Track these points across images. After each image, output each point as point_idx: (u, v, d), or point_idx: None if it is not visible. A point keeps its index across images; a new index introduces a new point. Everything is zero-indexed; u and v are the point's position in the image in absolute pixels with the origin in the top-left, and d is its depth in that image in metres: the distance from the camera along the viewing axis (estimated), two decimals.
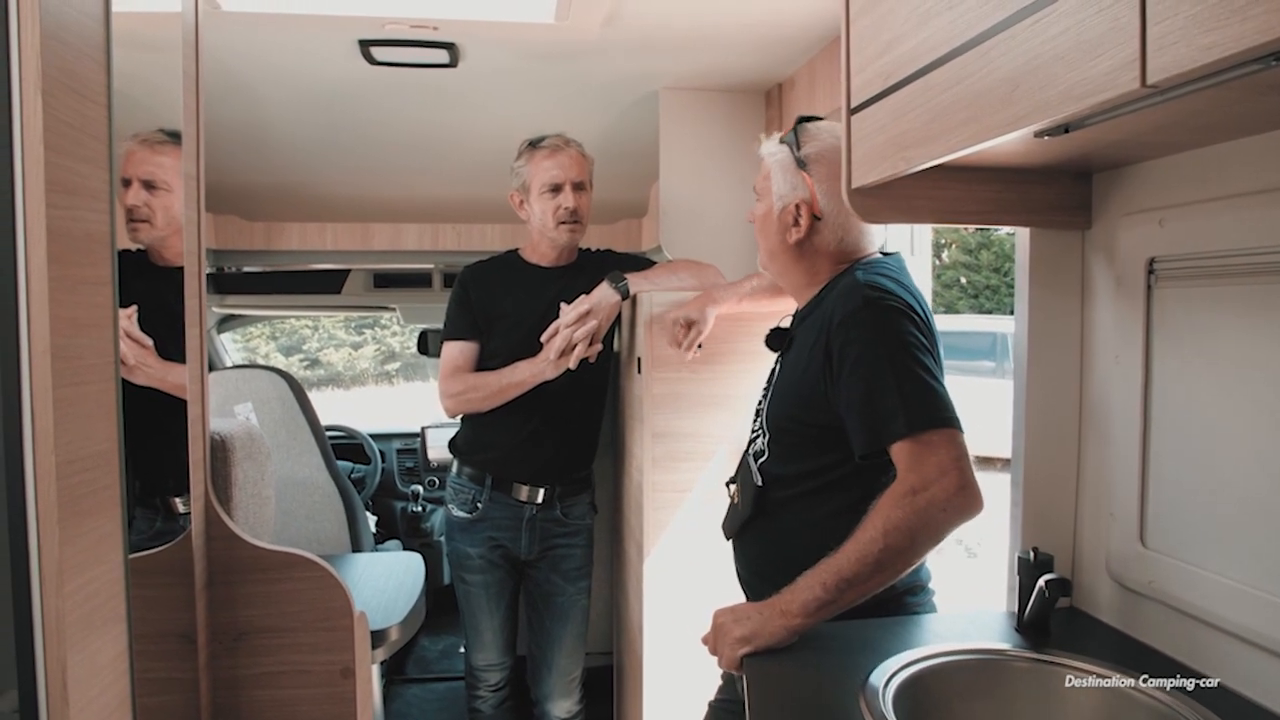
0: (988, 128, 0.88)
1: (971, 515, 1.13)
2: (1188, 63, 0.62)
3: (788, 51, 2.04)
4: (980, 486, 1.13)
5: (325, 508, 2.75)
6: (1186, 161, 1.10)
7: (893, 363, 1.18)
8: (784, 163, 1.38)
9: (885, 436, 1.16)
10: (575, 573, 2.20)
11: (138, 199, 1.49)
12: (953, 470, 1.11)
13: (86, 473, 0.85)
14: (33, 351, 0.79)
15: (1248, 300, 1.02)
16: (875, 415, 1.17)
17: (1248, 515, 1.02)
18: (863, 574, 1.12)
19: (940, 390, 1.18)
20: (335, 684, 1.39)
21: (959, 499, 1.11)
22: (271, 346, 14.73)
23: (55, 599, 0.80)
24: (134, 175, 1.48)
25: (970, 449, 1.16)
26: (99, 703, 0.86)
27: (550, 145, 2.06)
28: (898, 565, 1.12)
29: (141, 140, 1.48)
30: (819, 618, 1.15)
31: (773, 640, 1.16)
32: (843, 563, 1.13)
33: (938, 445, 1.13)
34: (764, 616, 1.17)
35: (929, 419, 1.14)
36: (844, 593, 1.13)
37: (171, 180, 1.48)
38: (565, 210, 2.05)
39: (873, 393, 1.18)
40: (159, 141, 1.47)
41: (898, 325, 1.21)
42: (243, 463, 1.54)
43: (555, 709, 2.25)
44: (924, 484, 1.11)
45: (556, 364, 1.97)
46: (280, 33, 1.89)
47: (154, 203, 1.49)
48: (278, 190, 2.83)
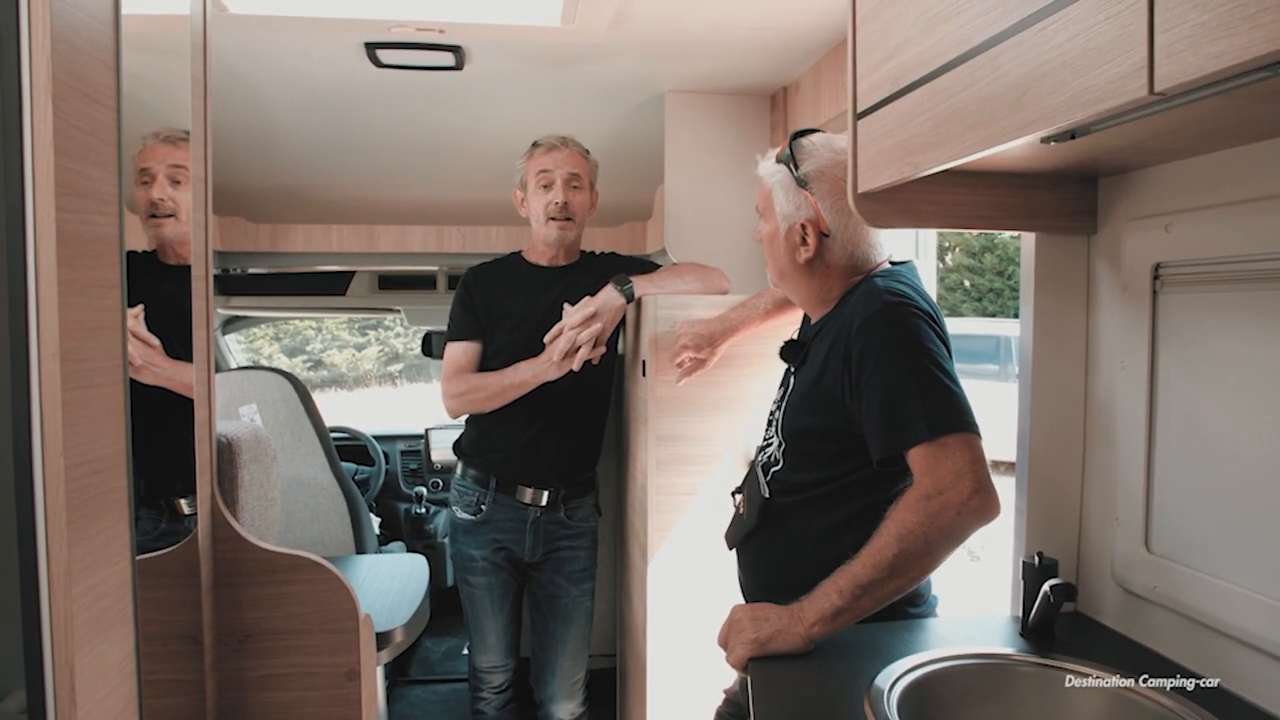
0: (995, 133, 0.88)
1: (988, 519, 1.12)
2: (1195, 70, 0.62)
3: (793, 55, 2.04)
4: (997, 491, 1.12)
5: (329, 509, 2.75)
6: (1192, 167, 1.10)
7: (914, 367, 1.17)
8: (784, 183, 1.37)
9: (905, 441, 1.15)
10: (579, 575, 2.20)
11: (163, 193, 1.48)
12: (968, 474, 1.10)
13: (95, 475, 0.85)
14: (42, 354, 0.79)
15: (1253, 306, 1.02)
16: (896, 420, 1.16)
17: (1253, 520, 1.02)
18: (878, 580, 1.11)
19: (959, 395, 1.17)
20: (341, 686, 1.39)
21: (974, 503, 1.10)
22: (275, 348, 14.76)
23: (63, 601, 0.80)
24: (157, 169, 1.47)
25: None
26: (107, 704, 0.87)
27: (547, 143, 2.08)
28: (913, 571, 1.12)
29: (163, 138, 1.48)
30: (836, 625, 1.14)
31: (788, 646, 1.15)
32: (858, 569, 1.13)
33: (954, 449, 1.12)
34: (783, 622, 1.17)
35: (948, 423, 1.13)
36: (859, 599, 1.13)
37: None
38: (555, 205, 2.05)
39: (893, 397, 1.17)
40: (180, 138, 1.47)
41: (918, 330, 1.20)
42: (249, 465, 1.55)
43: (559, 711, 2.25)
44: (939, 488, 1.10)
45: (559, 365, 1.97)
46: (286, 35, 1.90)
47: (179, 197, 1.49)
48: (283, 192, 2.84)
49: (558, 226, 2.08)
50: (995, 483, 1.12)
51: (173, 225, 1.51)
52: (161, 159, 1.47)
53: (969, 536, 1.12)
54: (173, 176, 1.48)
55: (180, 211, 1.50)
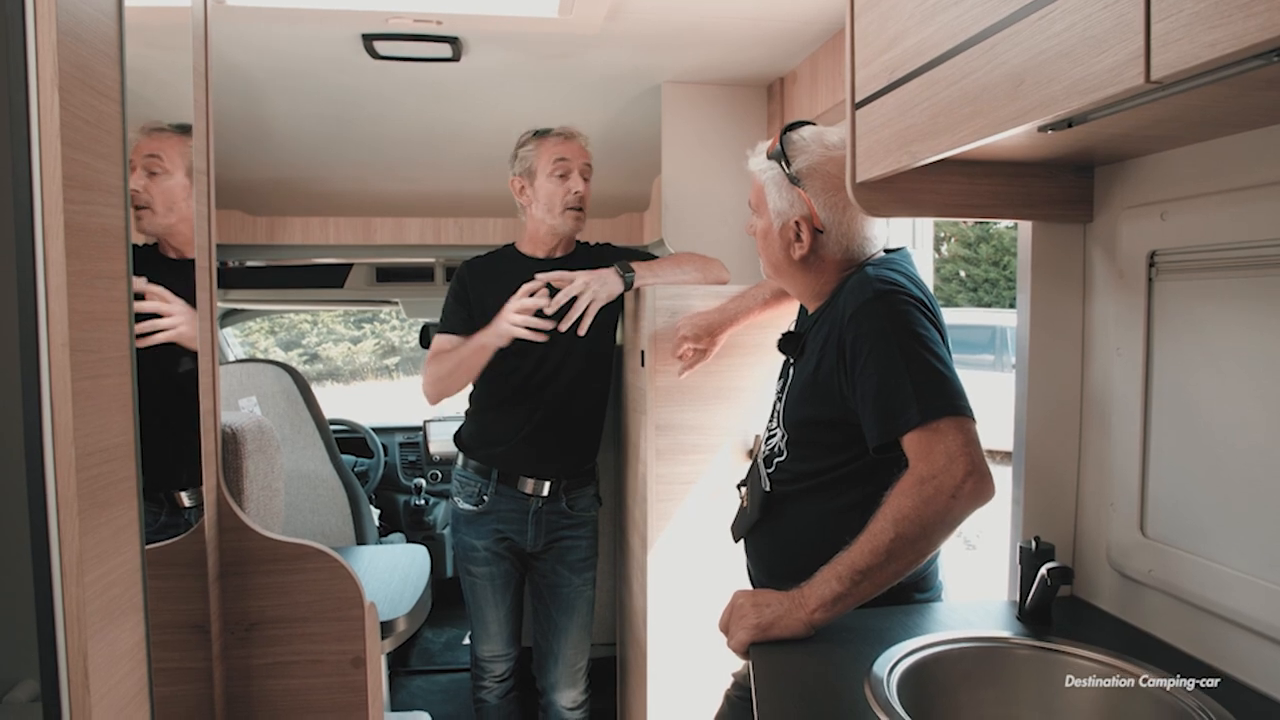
0: (993, 122, 0.89)
1: (982, 501, 1.13)
2: (1191, 59, 0.63)
3: (790, 46, 2.05)
4: (991, 473, 1.13)
5: (329, 501, 2.76)
6: (1187, 155, 1.11)
7: (905, 353, 1.18)
8: (776, 179, 1.37)
9: (898, 427, 1.17)
10: (580, 564, 2.21)
11: (136, 184, 1.45)
12: (961, 457, 1.11)
13: (105, 464, 0.86)
14: (52, 345, 0.80)
15: (1248, 293, 1.03)
16: (889, 407, 1.18)
17: (1247, 504, 1.03)
18: (875, 565, 1.13)
19: (952, 379, 1.18)
20: (346, 673, 1.40)
21: (968, 485, 1.11)
22: (270, 341, 14.73)
23: (76, 588, 0.81)
24: (135, 160, 1.45)
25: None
26: (118, 690, 0.88)
27: (562, 132, 2.08)
28: (909, 555, 1.13)
29: (138, 128, 1.47)
30: (837, 611, 1.16)
31: (789, 632, 1.17)
32: (855, 555, 1.14)
33: (946, 432, 1.13)
34: (784, 607, 1.18)
35: (939, 408, 1.15)
36: (859, 584, 1.14)
37: (169, 165, 1.47)
38: (575, 195, 2.06)
39: (886, 384, 1.18)
40: (155, 129, 1.46)
41: (908, 316, 1.21)
42: (253, 455, 1.56)
43: (561, 699, 2.27)
44: (933, 473, 1.12)
45: (507, 331, 1.93)
46: (283, 26, 1.90)
47: (153, 188, 1.48)
48: (281, 185, 2.83)
49: (574, 217, 2.09)
50: (991, 469, 1.14)
51: (149, 218, 1.49)
52: (136, 150, 1.46)
53: (965, 519, 1.13)
54: (149, 167, 1.45)
55: (155, 203, 1.48)
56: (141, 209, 1.48)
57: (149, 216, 1.49)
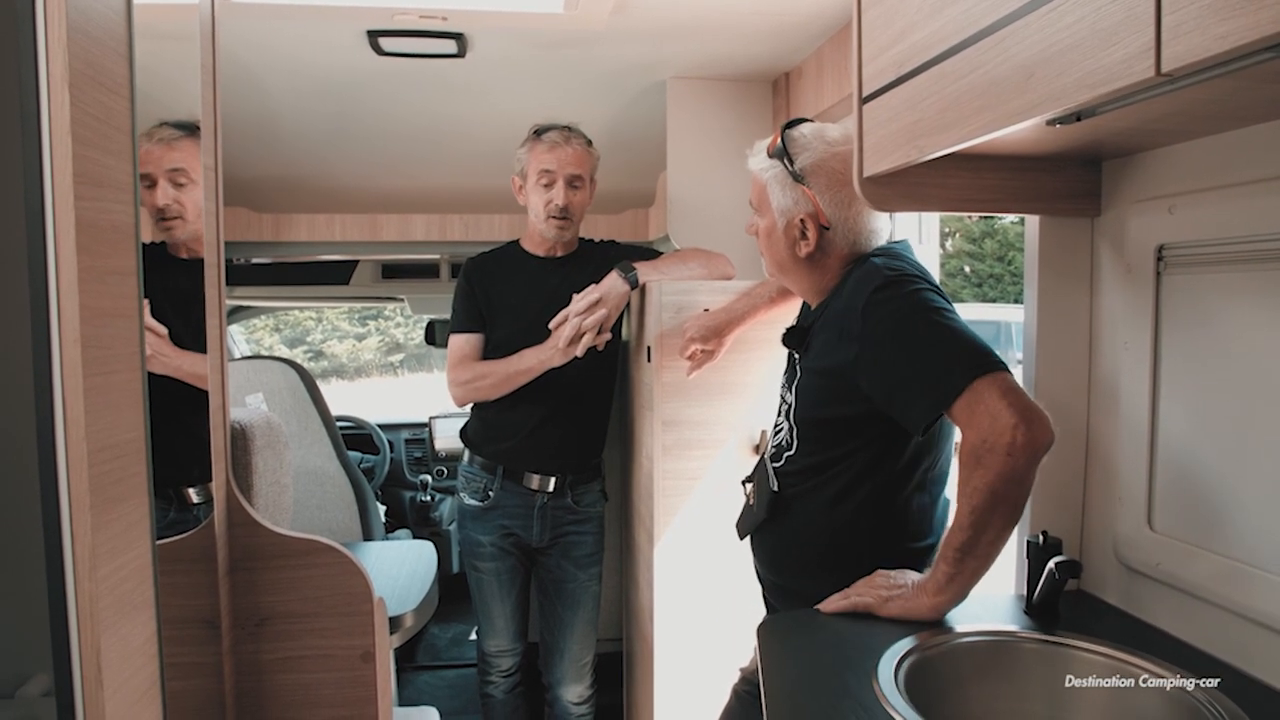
0: (1002, 116, 0.88)
1: (1040, 447, 1.08)
2: (1202, 51, 0.63)
3: (796, 40, 2.04)
4: (1043, 413, 1.09)
5: (337, 497, 2.77)
6: (1196, 149, 1.11)
7: (926, 332, 1.18)
8: (779, 178, 1.36)
9: (941, 403, 1.14)
10: (586, 560, 2.22)
11: (168, 198, 1.49)
12: (1003, 411, 1.07)
13: (116, 460, 0.86)
14: (63, 341, 0.80)
15: (1256, 287, 1.03)
16: (924, 387, 1.15)
17: (1254, 498, 1.03)
18: (970, 539, 1.11)
19: (973, 339, 1.15)
20: (356, 668, 1.41)
21: (1019, 438, 1.06)
22: (275, 339, 14.74)
23: (88, 583, 0.82)
24: (158, 173, 1.48)
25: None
26: (131, 685, 0.88)
27: (551, 140, 2.06)
28: (995, 522, 1.10)
29: (156, 139, 1.48)
30: (954, 591, 1.15)
31: (913, 614, 1.18)
32: (952, 533, 1.14)
33: (982, 393, 1.10)
34: (910, 590, 1.19)
35: (968, 371, 1.12)
36: (964, 562, 1.13)
37: (194, 174, 1.49)
38: (555, 206, 2.06)
39: (914, 367, 1.17)
40: (174, 138, 1.47)
41: (922, 296, 1.21)
42: (262, 451, 1.56)
43: (567, 694, 2.28)
44: (981, 437, 1.09)
45: (564, 351, 1.98)
46: (289, 23, 1.90)
47: (183, 199, 1.50)
48: (286, 182, 2.84)
49: (556, 225, 2.09)
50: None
51: (182, 227, 1.52)
52: (158, 162, 1.47)
53: (1033, 468, 1.08)
54: (174, 179, 1.48)
55: (187, 212, 1.51)
56: (174, 219, 1.51)
57: (181, 226, 1.52)
